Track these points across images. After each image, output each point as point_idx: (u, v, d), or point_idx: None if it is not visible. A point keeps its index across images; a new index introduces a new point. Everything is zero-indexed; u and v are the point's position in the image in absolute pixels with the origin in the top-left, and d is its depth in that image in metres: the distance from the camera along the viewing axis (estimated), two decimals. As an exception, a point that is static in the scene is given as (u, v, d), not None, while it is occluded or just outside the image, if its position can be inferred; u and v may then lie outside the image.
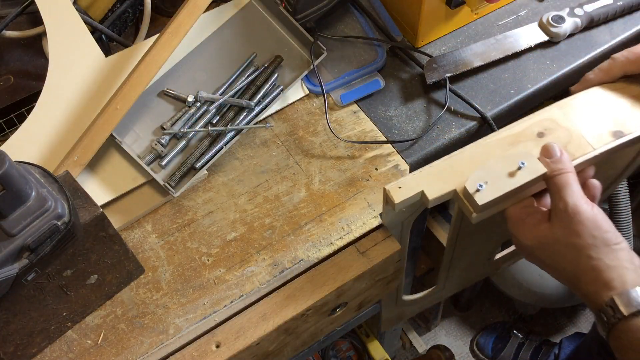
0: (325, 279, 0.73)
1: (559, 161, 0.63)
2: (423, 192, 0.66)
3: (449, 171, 0.67)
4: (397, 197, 0.66)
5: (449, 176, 0.66)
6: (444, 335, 1.72)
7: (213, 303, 0.73)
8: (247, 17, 0.92)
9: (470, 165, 0.66)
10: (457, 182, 0.65)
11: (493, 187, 0.63)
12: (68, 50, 0.84)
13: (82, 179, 0.78)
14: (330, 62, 0.91)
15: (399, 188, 0.66)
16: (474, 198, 0.63)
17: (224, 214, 0.80)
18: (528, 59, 0.93)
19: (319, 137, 0.86)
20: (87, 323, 0.72)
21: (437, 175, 0.67)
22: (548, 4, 0.99)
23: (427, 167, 0.67)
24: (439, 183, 0.66)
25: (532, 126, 0.69)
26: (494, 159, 0.65)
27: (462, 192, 0.65)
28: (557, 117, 0.70)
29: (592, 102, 0.71)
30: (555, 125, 0.69)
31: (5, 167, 0.54)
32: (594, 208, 0.61)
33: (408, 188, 0.66)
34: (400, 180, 0.66)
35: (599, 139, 0.67)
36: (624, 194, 1.08)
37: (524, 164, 0.64)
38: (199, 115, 0.84)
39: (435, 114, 0.88)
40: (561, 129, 0.69)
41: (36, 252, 0.60)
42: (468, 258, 0.92)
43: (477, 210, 0.64)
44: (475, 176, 0.64)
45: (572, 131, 0.68)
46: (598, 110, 0.70)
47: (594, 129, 0.68)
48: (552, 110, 0.70)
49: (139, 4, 0.96)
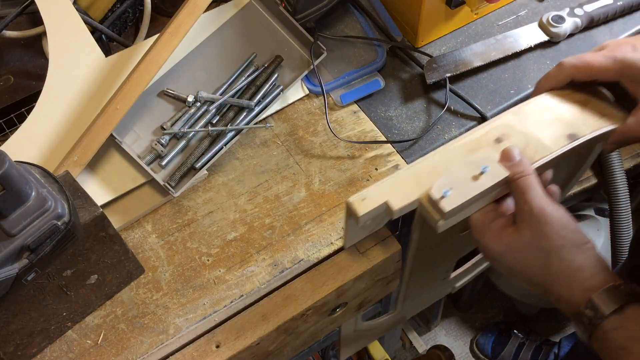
0: (326, 279, 0.73)
1: (519, 164, 0.63)
2: (387, 203, 0.65)
3: (412, 180, 0.66)
4: (361, 209, 0.65)
5: (412, 185, 0.66)
6: (444, 335, 1.72)
7: (213, 303, 0.73)
8: (247, 17, 0.92)
9: (432, 173, 0.66)
10: (421, 191, 0.65)
11: (458, 193, 0.63)
12: (68, 50, 0.84)
13: (82, 179, 0.78)
14: (330, 62, 0.91)
15: (363, 200, 0.65)
16: (439, 205, 0.62)
17: (224, 214, 0.80)
18: (528, 59, 0.93)
19: (319, 137, 0.86)
20: (87, 323, 0.72)
21: (401, 185, 0.66)
22: (548, 4, 0.99)
23: (389, 178, 0.67)
24: (402, 193, 0.65)
25: (489, 132, 0.70)
26: (457, 165, 0.65)
27: (427, 200, 0.64)
28: (512, 123, 0.71)
29: (545, 107, 0.72)
30: (512, 130, 0.70)
31: (5, 167, 0.54)
32: (559, 209, 0.60)
33: (372, 199, 0.65)
34: (362, 192, 0.66)
35: (555, 141, 0.68)
36: (623, 194, 1.08)
37: (486, 168, 0.64)
38: (199, 115, 0.84)
39: (435, 114, 0.88)
40: (518, 134, 0.69)
41: (36, 252, 0.60)
42: (424, 278, 0.92)
43: (444, 217, 0.63)
44: (440, 182, 0.63)
45: (528, 135, 0.69)
46: (551, 115, 0.71)
47: (549, 132, 0.69)
48: (507, 116, 0.71)
49: (139, 4, 0.96)
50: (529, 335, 1.61)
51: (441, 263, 0.92)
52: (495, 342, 1.63)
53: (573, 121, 0.70)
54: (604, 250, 1.38)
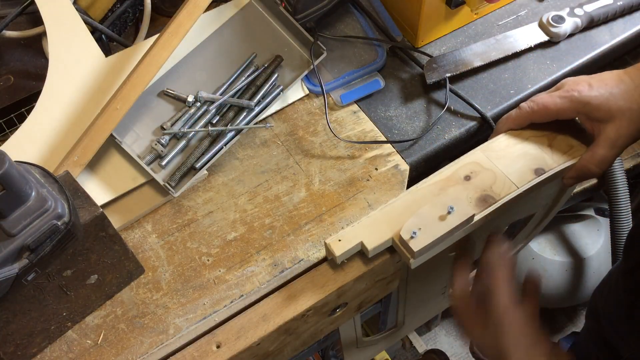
0: (326, 279, 0.73)
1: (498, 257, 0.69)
2: (362, 243, 0.69)
3: (385, 220, 0.70)
4: (338, 249, 0.69)
5: (386, 225, 0.70)
6: (444, 335, 1.72)
7: (213, 303, 0.73)
8: (247, 17, 0.92)
9: (405, 212, 0.70)
10: (394, 230, 0.69)
11: (426, 233, 0.66)
12: (68, 50, 0.84)
13: (82, 179, 0.78)
14: (330, 62, 0.91)
15: (339, 241, 0.69)
16: (409, 245, 0.66)
17: (224, 214, 0.80)
18: (528, 59, 0.93)
19: (319, 137, 0.86)
20: (87, 323, 0.72)
21: (375, 225, 0.70)
22: (548, 4, 0.99)
23: (365, 218, 0.71)
24: (377, 233, 0.69)
25: (458, 170, 0.74)
26: (426, 205, 0.68)
27: (399, 240, 0.68)
28: (480, 160, 0.74)
29: (512, 143, 0.75)
30: (480, 168, 0.73)
31: (5, 167, 0.54)
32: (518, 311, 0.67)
33: (347, 240, 0.69)
34: (339, 233, 0.70)
35: (522, 177, 0.72)
36: (623, 194, 1.08)
37: (452, 208, 0.67)
38: (199, 115, 0.84)
39: (435, 114, 0.88)
40: (485, 171, 0.73)
41: (36, 252, 0.60)
42: (423, 295, 0.94)
43: (414, 256, 0.67)
44: (409, 223, 0.67)
45: (496, 172, 0.73)
46: (519, 150, 0.74)
47: (516, 167, 0.73)
48: (476, 153, 0.75)
49: (139, 4, 0.96)
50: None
51: (438, 280, 0.94)
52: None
53: (539, 156, 0.74)
54: (604, 250, 1.39)
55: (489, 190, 0.71)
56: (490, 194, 0.71)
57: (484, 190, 0.72)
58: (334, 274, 0.74)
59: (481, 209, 0.70)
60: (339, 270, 0.74)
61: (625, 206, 1.09)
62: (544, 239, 1.43)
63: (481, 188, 0.72)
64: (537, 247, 1.43)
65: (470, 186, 0.72)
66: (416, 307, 0.98)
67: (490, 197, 0.71)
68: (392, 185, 0.81)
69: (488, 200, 0.71)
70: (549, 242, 1.43)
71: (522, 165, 0.73)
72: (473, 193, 0.72)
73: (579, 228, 1.43)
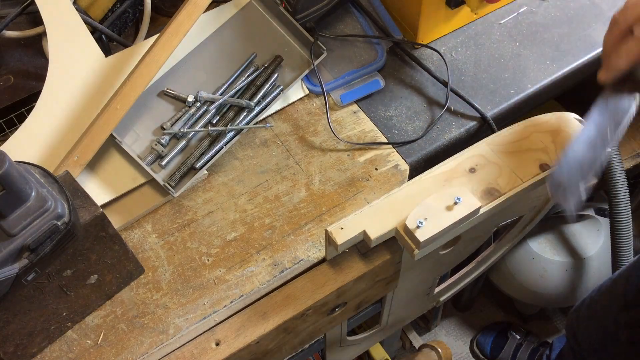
0: (326, 279, 0.73)
1: None
2: (365, 232, 0.68)
3: (389, 210, 0.69)
4: (340, 238, 0.67)
5: (389, 215, 0.68)
6: (444, 335, 1.72)
7: (213, 303, 0.73)
8: (247, 17, 0.92)
9: (409, 203, 0.69)
10: (398, 220, 0.68)
11: (433, 223, 0.65)
12: (68, 50, 0.84)
13: (82, 179, 0.78)
14: (330, 62, 0.91)
15: (341, 229, 0.68)
16: (415, 234, 0.65)
17: (224, 214, 0.80)
18: (528, 59, 0.93)
19: (319, 137, 0.86)
20: (87, 323, 0.72)
21: (378, 214, 0.69)
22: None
23: (367, 207, 0.69)
24: (380, 222, 0.68)
25: (463, 162, 0.73)
26: (432, 196, 0.67)
27: (403, 229, 0.67)
28: (485, 153, 0.73)
29: (519, 137, 0.74)
30: (485, 160, 0.72)
31: (5, 167, 0.54)
32: None
33: (350, 228, 0.68)
34: (341, 221, 0.68)
35: (527, 171, 0.71)
36: (623, 194, 1.08)
37: (459, 199, 0.66)
38: (199, 115, 0.84)
39: (435, 114, 0.88)
40: (491, 164, 0.72)
41: (36, 252, 0.60)
42: (409, 294, 0.94)
43: (419, 247, 0.65)
44: (415, 213, 0.66)
45: (501, 166, 0.72)
46: (522, 146, 0.73)
47: (521, 163, 0.72)
48: (481, 146, 0.74)
49: (139, 4, 0.96)
50: (527, 336, 1.61)
51: (425, 279, 0.93)
52: (494, 342, 1.63)
53: (544, 151, 0.73)
54: (604, 250, 1.38)
55: (494, 183, 0.70)
56: (496, 187, 0.70)
57: (489, 183, 0.71)
58: (334, 273, 0.74)
59: (486, 202, 0.69)
60: (339, 270, 0.74)
61: (625, 206, 1.09)
62: (544, 239, 1.43)
63: (486, 181, 0.71)
64: (537, 247, 1.42)
65: (475, 178, 0.71)
66: (401, 307, 0.98)
67: (495, 191, 0.70)
68: (392, 185, 0.81)
69: (493, 193, 0.70)
70: (549, 242, 1.43)
71: (527, 160, 0.72)
72: (478, 185, 0.71)
73: (579, 228, 1.42)
